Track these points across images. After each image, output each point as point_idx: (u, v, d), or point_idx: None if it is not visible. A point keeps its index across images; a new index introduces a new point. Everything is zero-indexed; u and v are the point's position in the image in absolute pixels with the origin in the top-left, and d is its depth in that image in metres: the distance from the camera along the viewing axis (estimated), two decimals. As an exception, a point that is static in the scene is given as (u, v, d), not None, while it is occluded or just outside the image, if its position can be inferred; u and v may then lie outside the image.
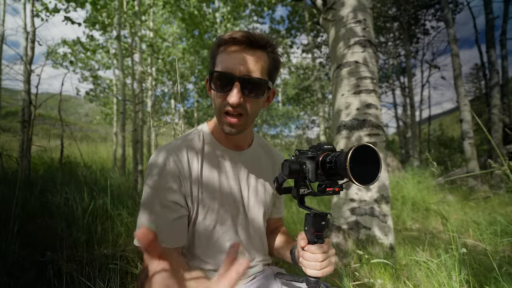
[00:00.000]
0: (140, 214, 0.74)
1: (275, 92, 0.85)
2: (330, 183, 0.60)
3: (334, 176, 0.57)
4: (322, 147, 0.60)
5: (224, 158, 0.83)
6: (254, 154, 0.89)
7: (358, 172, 0.50)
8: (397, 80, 13.01)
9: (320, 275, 0.65)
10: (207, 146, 0.82)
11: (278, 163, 0.96)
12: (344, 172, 0.50)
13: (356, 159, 0.49)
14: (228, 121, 0.73)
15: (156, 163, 0.75)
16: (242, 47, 0.70)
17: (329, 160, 0.56)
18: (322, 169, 0.58)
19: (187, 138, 0.82)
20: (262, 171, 0.90)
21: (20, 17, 3.74)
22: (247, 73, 0.70)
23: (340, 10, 2.23)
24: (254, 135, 0.92)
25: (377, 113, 2.14)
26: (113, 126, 9.62)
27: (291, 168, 0.59)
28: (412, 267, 1.56)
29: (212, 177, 0.80)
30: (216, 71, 0.71)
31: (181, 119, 1.80)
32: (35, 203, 2.24)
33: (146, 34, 7.48)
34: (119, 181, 3.69)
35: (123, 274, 1.59)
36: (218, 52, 0.73)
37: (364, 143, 0.51)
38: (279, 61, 0.78)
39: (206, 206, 0.79)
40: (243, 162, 0.86)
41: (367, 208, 2.04)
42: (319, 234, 0.65)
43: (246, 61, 0.70)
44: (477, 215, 2.68)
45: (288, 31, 9.78)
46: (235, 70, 0.69)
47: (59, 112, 3.88)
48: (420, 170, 5.47)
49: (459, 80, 5.14)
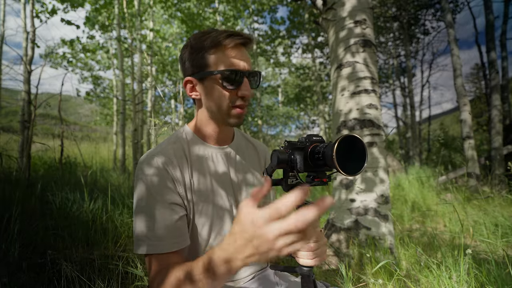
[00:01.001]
0: (138, 221, 0.71)
1: None
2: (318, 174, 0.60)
3: (322, 166, 0.58)
4: (311, 139, 0.60)
5: (211, 155, 0.85)
6: (238, 147, 0.92)
7: (345, 163, 0.50)
8: (397, 80, 13.01)
9: (313, 264, 0.66)
10: (193, 146, 0.84)
11: (261, 151, 0.99)
12: (331, 162, 0.50)
13: (343, 150, 0.50)
14: (238, 112, 0.79)
15: (147, 166, 0.75)
16: (239, 45, 0.78)
17: (317, 151, 0.56)
18: (311, 159, 0.58)
19: (171, 141, 0.83)
20: (248, 162, 0.93)
21: (20, 17, 3.74)
22: (249, 67, 0.79)
23: (340, 10, 2.23)
24: (233, 128, 0.94)
25: (377, 113, 2.14)
26: (113, 126, 9.62)
27: (279, 158, 0.59)
28: (413, 267, 1.56)
29: (202, 176, 0.81)
30: (228, 70, 0.76)
31: (182, 119, 1.80)
32: (35, 203, 2.24)
33: (146, 33, 7.48)
34: (119, 181, 3.69)
35: (123, 274, 1.59)
36: (218, 51, 0.77)
37: (351, 134, 0.51)
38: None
39: (200, 205, 0.79)
40: (230, 157, 0.88)
41: (367, 208, 2.04)
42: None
43: (246, 58, 0.79)
44: (478, 215, 2.68)
45: (289, 31, 9.79)
46: (242, 66, 0.77)
47: (59, 112, 3.88)
48: (421, 170, 5.47)
49: (459, 80, 5.14)
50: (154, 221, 0.70)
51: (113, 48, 8.80)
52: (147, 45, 5.86)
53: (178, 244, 0.72)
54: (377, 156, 2.09)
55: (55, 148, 4.16)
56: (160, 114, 14.72)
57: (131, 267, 1.60)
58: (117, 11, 4.78)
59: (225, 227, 0.83)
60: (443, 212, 3.20)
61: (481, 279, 1.25)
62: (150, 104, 6.94)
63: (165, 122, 2.21)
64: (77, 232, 1.92)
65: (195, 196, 0.78)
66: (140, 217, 0.72)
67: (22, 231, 1.73)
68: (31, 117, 3.18)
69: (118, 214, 2.26)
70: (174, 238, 0.71)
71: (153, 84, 4.62)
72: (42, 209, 2.21)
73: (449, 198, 3.84)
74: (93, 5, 4.90)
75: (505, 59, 6.77)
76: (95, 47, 7.09)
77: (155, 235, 0.70)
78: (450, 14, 5.45)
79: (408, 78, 10.08)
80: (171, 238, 0.71)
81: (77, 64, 10.33)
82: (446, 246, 1.92)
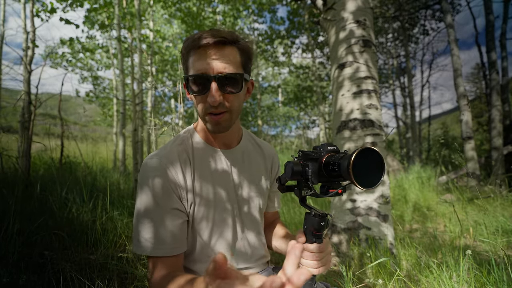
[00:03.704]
0: (140, 225, 0.71)
1: (253, 83, 0.85)
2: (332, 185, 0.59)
3: (337, 178, 0.56)
4: (326, 148, 0.59)
5: (215, 158, 0.83)
6: (244, 150, 0.89)
7: (361, 175, 0.49)
8: (397, 80, 13.01)
9: (318, 273, 0.65)
10: (197, 148, 0.82)
11: (268, 155, 0.96)
12: (347, 175, 0.49)
13: (359, 162, 0.48)
14: (212, 119, 0.73)
15: (150, 170, 0.74)
16: (211, 46, 0.69)
17: (332, 162, 0.55)
18: (325, 170, 0.57)
19: (176, 143, 0.81)
20: (254, 166, 0.90)
21: (20, 17, 3.74)
22: (222, 70, 0.69)
23: (341, 10, 2.22)
24: (242, 131, 0.92)
25: (377, 113, 2.14)
26: (113, 126, 9.61)
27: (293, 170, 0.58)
28: (413, 267, 1.56)
29: (205, 179, 0.80)
30: (191, 75, 0.71)
31: (182, 119, 1.79)
32: (35, 203, 2.24)
33: (146, 33, 7.48)
34: (119, 181, 3.69)
35: (123, 274, 1.59)
36: (189, 57, 0.73)
37: (368, 146, 0.50)
38: (250, 52, 0.77)
39: (202, 209, 0.78)
40: (234, 160, 0.86)
41: (367, 208, 2.04)
42: (318, 234, 0.65)
43: (218, 59, 0.69)
44: (478, 216, 2.68)
45: (288, 31, 9.78)
46: (209, 70, 0.69)
47: (59, 112, 3.88)
48: (421, 170, 5.47)
49: (459, 80, 5.14)
50: (156, 225, 0.71)
51: (113, 48, 8.79)
52: (147, 45, 5.86)
53: (179, 248, 0.73)
54: (377, 156, 2.09)
55: (55, 148, 4.16)
56: (160, 114, 14.71)
57: (131, 267, 1.59)
58: (117, 10, 4.78)
59: (226, 231, 0.82)
60: (443, 212, 3.20)
61: (481, 279, 1.25)
62: (150, 104, 6.94)
63: (165, 122, 2.21)
64: (77, 232, 1.91)
65: (197, 199, 0.78)
66: (142, 220, 0.72)
67: (21, 231, 1.73)
68: (31, 117, 3.18)
69: (118, 214, 2.25)
70: (176, 243, 0.72)
71: (153, 84, 4.62)
72: (41, 209, 2.20)
73: (449, 198, 3.84)
74: (92, 4, 4.90)
75: (505, 59, 6.76)
76: (94, 47, 7.09)
77: (157, 239, 0.70)
78: (450, 14, 5.44)
79: (408, 78, 10.09)
80: (173, 243, 0.71)
81: (77, 64, 10.32)
82: (446, 246, 1.92)
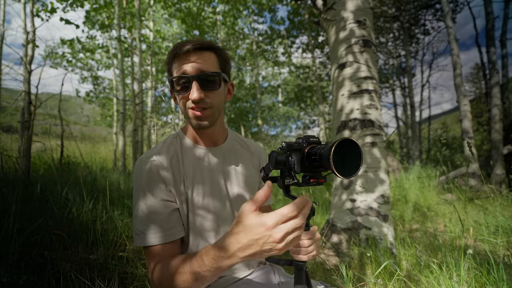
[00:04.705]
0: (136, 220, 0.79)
1: (233, 85, 0.94)
2: (314, 175, 0.62)
3: (318, 168, 0.60)
4: (308, 140, 0.62)
5: (203, 155, 0.88)
6: (231, 147, 0.95)
7: (341, 165, 0.52)
8: (397, 80, 12.99)
9: (307, 259, 0.70)
10: (185, 148, 0.88)
11: (255, 152, 1.01)
12: (328, 164, 0.52)
13: (339, 153, 0.52)
14: (194, 114, 0.81)
15: (141, 170, 0.81)
16: (191, 52, 0.79)
17: (314, 152, 0.58)
18: (307, 160, 0.60)
19: (166, 143, 0.88)
20: (241, 162, 0.95)
21: (20, 17, 3.74)
22: (201, 70, 0.78)
23: (341, 10, 2.22)
24: (228, 130, 0.98)
25: (377, 113, 2.14)
26: (113, 126, 9.62)
27: (277, 160, 0.61)
28: (413, 267, 1.56)
29: (195, 176, 0.84)
30: (174, 77, 0.80)
31: (182, 119, 1.80)
32: (35, 203, 2.24)
33: (146, 33, 7.48)
34: (119, 181, 3.69)
35: (123, 274, 1.59)
36: (173, 63, 0.82)
37: (347, 137, 0.53)
38: (226, 56, 0.87)
39: (193, 206, 0.83)
40: (222, 157, 0.91)
41: (367, 208, 2.04)
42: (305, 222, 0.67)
43: (197, 61, 0.79)
44: (478, 216, 2.67)
45: (289, 31, 9.78)
46: (189, 72, 0.78)
47: (59, 112, 3.88)
48: (421, 170, 5.47)
49: (459, 80, 5.13)
50: (147, 216, 0.77)
51: (113, 48, 8.79)
52: (147, 45, 5.86)
53: (172, 235, 0.78)
54: (377, 157, 2.09)
55: (55, 148, 4.16)
56: (160, 114, 14.72)
57: (131, 267, 1.59)
58: (117, 10, 4.78)
59: (221, 226, 0.86)
60: (444, 212, 3.20)
61: (481, 279, 1.25)
62: (150, 104, 6.94)
63: (165, 122, 2.21)
64: (77, 232, 1.91)
65: (189, 195, 0.83)
66: (135, 214, 0.79)
67: (21, 231, 1.73)
68: (31, 117, 3.18)
69: (118, 214, 2.25)
70: (167, 231, 0.77)
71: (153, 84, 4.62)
72: (41, 209, 2.20)
73: (449, 198, 3.84)
74: (92, 5, 4.89)
75: (505, 58, 6.76)
76: (94, 47, 7.09)
77: (151, 228, 0.76)
78: (450, 13, 5.44)
79: (408, 78, 10.08)
80: (164, 231, 0.77)
81: (77, 64, 10.32)
82: (446, 246, 1.91)
